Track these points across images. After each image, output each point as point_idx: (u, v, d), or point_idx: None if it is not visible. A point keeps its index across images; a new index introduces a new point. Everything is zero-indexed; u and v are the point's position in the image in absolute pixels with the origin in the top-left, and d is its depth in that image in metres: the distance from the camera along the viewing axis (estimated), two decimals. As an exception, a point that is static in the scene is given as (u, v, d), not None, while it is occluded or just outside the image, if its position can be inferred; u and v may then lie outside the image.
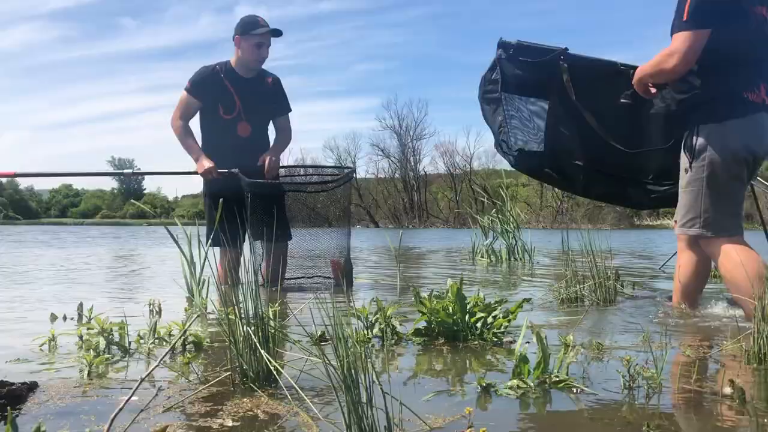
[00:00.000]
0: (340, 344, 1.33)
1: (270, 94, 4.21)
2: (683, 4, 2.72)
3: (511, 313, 2.43)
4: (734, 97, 2.79)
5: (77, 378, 1.85)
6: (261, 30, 3.99)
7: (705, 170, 2.82)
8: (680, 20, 2.73)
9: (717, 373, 1.87)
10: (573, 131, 3.47)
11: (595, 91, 3.39)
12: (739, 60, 2.79)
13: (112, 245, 11.98)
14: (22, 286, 4.39)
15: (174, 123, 4.10)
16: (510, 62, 3.43)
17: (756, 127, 2.82)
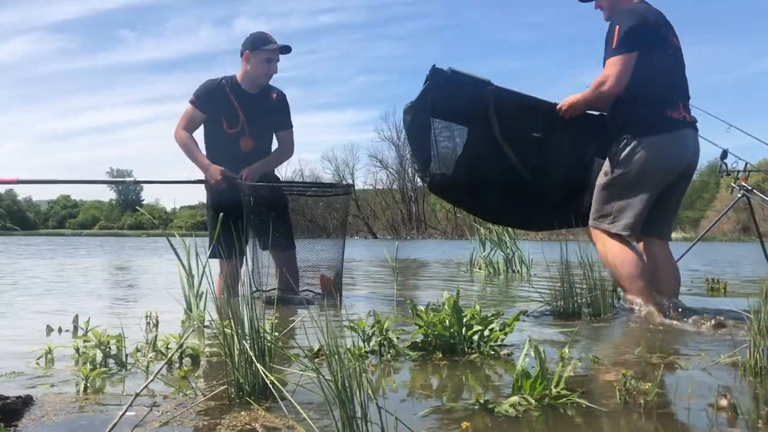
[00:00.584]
0: (334, 359, 1.33)
1: (273, 109, 4.21)
2: (612, 35, 3.13)
3: (507, 326, 2.43)
4: (658, 114, 3.17)
5: (73, 392, 1.84)
6: (272, 46, 4.02)
7: (625, 177, 3.18)
8: (611, 48, 3.13)
9: (713, 386, 1.87)
10: (490, 160, 3.57)
11: (514, 123, 3.52)
12: (660, 82, 3.18)
13: (110, 256, 11.96)
14: (18, 298, 4.37)
15: (178, 134, 4.09)
16: (440, 89, 3.45)
17: (679, 141, 3.21)
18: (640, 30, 3.13)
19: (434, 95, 3.46)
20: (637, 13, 3.17)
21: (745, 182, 5.60)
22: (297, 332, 2.73)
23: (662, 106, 3.19)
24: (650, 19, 3.18)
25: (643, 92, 3.15)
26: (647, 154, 3.14)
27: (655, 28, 3.19)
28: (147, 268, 8.41)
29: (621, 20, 3.16)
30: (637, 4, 3.28)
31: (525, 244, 7.61)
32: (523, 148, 3.53)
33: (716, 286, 5.22)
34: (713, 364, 2.21)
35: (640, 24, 3.14)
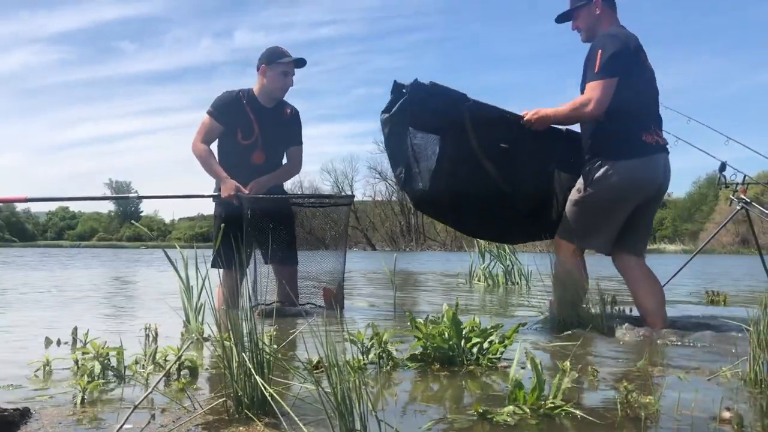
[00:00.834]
0: (333, 371, 1.33)
1: (287, 124, 4.27)
2: (594, 59, 3.21)
3: (506, 338, 2.42)
4: (633, 139, 3.26)
5: (71, 404, 1.83)
6: (287, 59, 4.08)
7: (598, 197, 3.28)
8: (593, 72, 3.21)
9: (715, 398, 1.86)
10: (468, 174, 3.57)
11: (489, 136, 3.54)
12: (637, 106, 3.29)
13: (108, 268, 11.94)
14: (17, 310, 4.36)
15: (196, 146, 4.11)
16: (420, 103, 3.46)
17: (652, 165, 3.30)
18: (622, 56, 3.22)
19: (414, 110, 3.46)
20: (619, 39, 3.26)
21: (744, 195, 5.60)
22: (297, 344, 2.72)
23: (637, 131, 3.28)
24: (631, 45, 3.28)
25: (619, 116, 3.24)
26: (620, 178, 3.24)
27: (635, 54, 3.30)
28: (145, 279, 8.40)
29: (603, 45, 3.24)
30: (617, 29, 3.37)
31: (524, 256, 7.61)
32: (498, 160, 3.56)
33: (716, 298, 5.21)
34: (714, 377, 2.20)
35: (623, 50, 3.23)
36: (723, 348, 2.81)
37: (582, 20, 3.51)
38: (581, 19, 3.51)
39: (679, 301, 5.35)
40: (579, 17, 3.52)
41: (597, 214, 3.31)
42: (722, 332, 3.20)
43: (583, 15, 3.50)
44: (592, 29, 3.48)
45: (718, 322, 3.49)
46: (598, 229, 3.34)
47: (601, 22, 3.45)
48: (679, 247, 49.69)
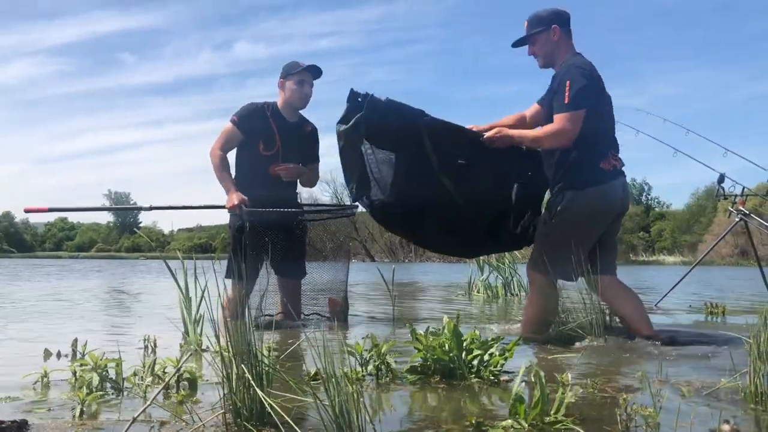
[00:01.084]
0: (331, 383, 1.32)
1: (306, 140, 4.34)
2: (564, 89, 3.29)
3: (507, 350, 2.41)
4: (592, 168, 3.38)
5: (69, 417, 1.83)
6: (299, 68, 4.14)
7: (563, 226, 3.39)
8: (563, 103, 3.29)
9: (714, 411, 1.86)
10: (426, 189, 3.59)
11: (447, 152, 3.56)
12: (598, 134, 3.41)
13: (108, 278, 11.91)
14: (15, 321, 4.35)
15: (213, 153, 4.16)
16: (375, 119, 3.45)
17: (610, 192, 3.42)
18: (590, 88, 3.33)
19: (369, 125, 3.45)
20: (586, 71, 3.37)
21: (743, 206, 5.62)
22: (296, 356, 2.72)
23: (596, 160, 3.40)
24: (595, 76, 3.40)
25: (581, 145, 3.35)
26: (581, 207, 3.38)
27: (601, 84, 3.42)
28: (143, 290, 8.37)
29: (572, 76, 3.32)
30: (582, 60, 3.46)
31: (523, 268, 7.59)
32: (457, 176, 3.58)
33: (715, 310, 5.21)
34: (714, 390, 2.20)
35: (591, 82, 3.35)
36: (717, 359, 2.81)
37: (539, 46, 3.58)
38: (539, 45, 3.58)
39: (674, 310, 5.34)
40: (536, 43, 3.59)
41: (563, 243, 3.38)
42: (713, 344, 3.20)
43: (540, 41, 3.57)
44: (549, 55, 3.57)
45: (710, 333, 3.49)
46: (566, 257, 3.38)
47: (559, 49, 3.54)
48: (678, 258, 49.67)
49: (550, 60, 3.58)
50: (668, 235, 58.95)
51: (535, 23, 3.57)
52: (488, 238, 3.81)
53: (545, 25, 3.54)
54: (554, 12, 3.58)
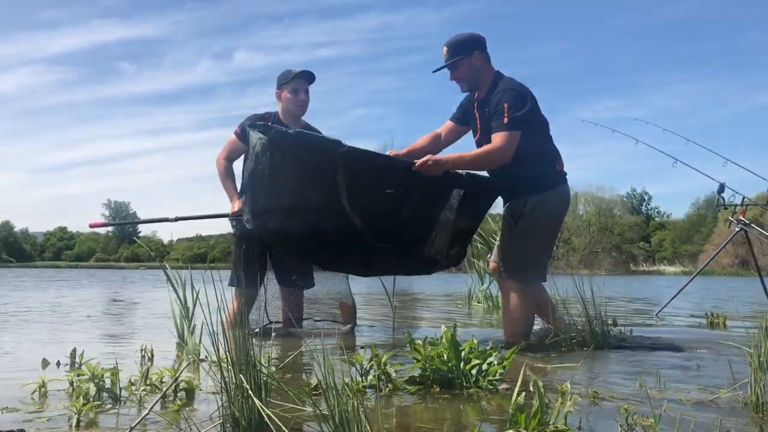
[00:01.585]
0: (331, 394, 1.31)
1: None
2: (502, 110, 3.43)
3: (506, 359, 2.41)
4: (551, 171, 3.62)
5: (66, 427, 1.82)
6: (292, 75, 4.12)
7: (532, 229, 3.55)
8: (502, 123, 3.43)
9: (715, 421, 1.85)
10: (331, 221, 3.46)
11: (365, 183, 3.47)
12: (547, 143, 3.66)
13: (107, 289, 11.89)
14: (13, 331, 4.33)
15: (219, 161, 4.22)
16: (284, 151, 3.33)
17: (567, 191, 3.72)
18: (527, 108, 3.48)
19: (276, 158, 3.31)
20: (522, 92, 3.53)
21: (743, 216, 5.62)
22: (296, 366, 2.71)
23: (553, 163, 3.64)
24: (530, 93, 3.57)
25: (535, 156, 3.54)
26: (548, 208, 3.57)
27: (535, 100, 3.58)
28: (141, 300, 8.36)
29: (510, 98, 3.46)
30: (514, 82, 3.60)
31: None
32: (371, 208, 3.49)
33: (716, 320, 5.20)
34: (714, 398, 2.19)
35: (527, 102, 3.50)
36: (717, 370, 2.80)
37: (462, 72, 3.68)
38: (461, 71, 3.68)
39: (675, 320, 5.33)
40: (459, 69, 3.68)
41: (533, 245, 3.58)
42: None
43: (463, 67, 3.67)
44: (473, 80, 3.69)
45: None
46: (536, 258, 3.62)
47: (482, 72, 3.67)
48: (678, 268, 49.65)
49: (474, 84, 3.70)
50: (668, 245, 58.98)
51: (456, 50, 3.66)
52: (397, 262, 3.78)
53: (467, 51, 3.65)
54: (473, 37, 3.69)
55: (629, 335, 4.13)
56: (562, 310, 3.65)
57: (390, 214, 3.54)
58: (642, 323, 5.22)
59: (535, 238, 3.58)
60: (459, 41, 3.66)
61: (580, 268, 45.30)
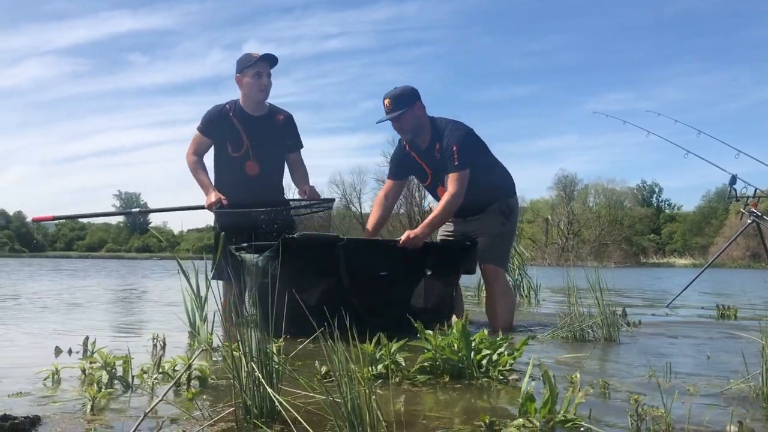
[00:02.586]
0: (344, 382, 1.32)
1: (280, 131, 4.23)
2: (452, 152, 3.79)
3: (516, 350, 2.41)
4: (511, 178, 4.21)
5: (80, 413, 1.84)
6: (256, 63, 4.04)
7: (513, 225, 4.13)
8: (453, 164, 3.79)
9: (726, 412, 1.85)
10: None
11: (363, 269, 3.59)
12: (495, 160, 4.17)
13: (119, 278, 11.98)
14: (28, 319, 4.38)
15: (188, 158, 4.21)
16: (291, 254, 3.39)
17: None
18: (472, 145, 3.91)
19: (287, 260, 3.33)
20: (463, 132, 3.89)
21: (755, 208, 5.58)
22: (303, 354, 2.72)
23: (508, 172, 4.21)
24: (470, 130, 3.95)
25: (493, 165, 4.11)
26: (517, 207, 4.19)
27: (475, 134, 3.98)
28: (154, 289, 8.42)
29: (457, 140, 3.81)
30: (455, 124, 3.93)
31: (532, 270, 7.59)
32: (369, 290, 3.59)
33: (727, 312, 5.18)
34: (726, 389, 2.18)
35: (471, 140, 3.92)
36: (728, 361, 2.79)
37: (405, 122, 3.93)
38: (405, 121, 3.92)
39: (684, 307, 5.31)
40: (402, 120, 3.91)
41: (512, 239, 4.23)
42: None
43: (406, 118, 3.90)
44: (416, 129, 3.97)
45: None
46: (510, 249, 4.35)
47: (423, 121, 3.96)
48: (689, 261, 49.46)
49: (417, 132, 3.98)
50: (679, 238, 58.71)
51: (399, 103, 3.90)
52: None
53: (409, 103, 3.90)
54: (411, 90, 3.96)
55: (639, 326, 4.13)
56: (574, 300, 3.65)
57: (383, 292, 3.65)
58: (652, 315, 5.21)
59: (513, 232, 4.20)
60: (401, 94, 3.92)
61: (590, 260, 45.15)
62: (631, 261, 53.14)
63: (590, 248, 53.83)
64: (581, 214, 57.73)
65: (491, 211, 4.01)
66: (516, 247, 7.29)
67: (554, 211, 58.03)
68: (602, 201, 59.26)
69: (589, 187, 59.88)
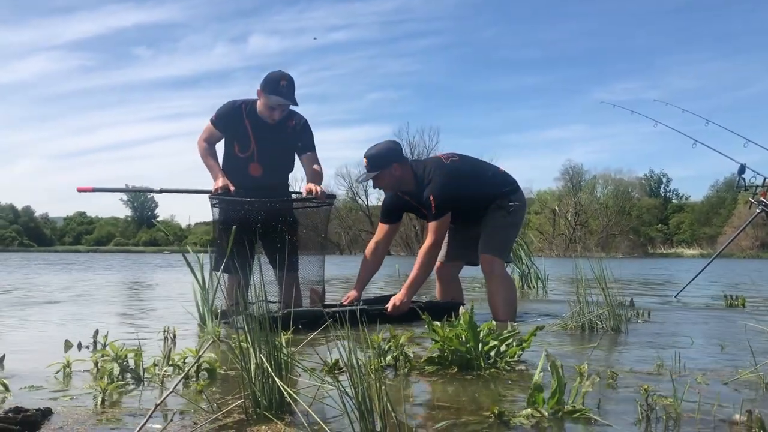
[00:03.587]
0: (355, 372, 1.33)
1: (290, 136, 4.19)
2: (429, 203, 3.89)
3: (524, 341, 2.41)
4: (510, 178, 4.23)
5: (91, 405, 1.85)
6: (274, 99, 3.98)
7: (516, 219, 4.14)
8: (431, 213, 3.90)
9: (736, 401, 1.84)
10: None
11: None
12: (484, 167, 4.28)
13: (128, 271, 12.04)
14: (38, 313, 4.41)
15: (199, 144, 4.21)
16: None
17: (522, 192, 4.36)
18: (452, 186, 3.93)
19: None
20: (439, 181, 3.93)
21: (764, 197, 5.55)
22: (308, 346, 2.73)
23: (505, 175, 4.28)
24: (452, 169, 4.02)
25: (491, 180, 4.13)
26: (523, 202, 4.20)
27: (458, 172, 4.02)
28: (162, 283, 8.45)
29: (433, 191, 3.90)
30: (438, 171, 3.98)
31: (540, 262, 7.58)
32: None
33: (735, 302, 5.16)
34: (735, 378, 2.18)
35: (451, 184, 3.93)
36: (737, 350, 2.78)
37: (383, 182, 4.04)
38: (382, 181, 4.03)
39: (692, 297, 5.30)
40: (379, 180, 4.02)
41: (515, 232, 4.25)
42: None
43: (383, 179, 4.02)
44: (395, 187, 4.08)
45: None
46: (512, 242, 4.39)
47: (403, 177, 4.04)
48: (696, 251, 49.29)
49: (399, 187, 4.09)
50: (687, 228, 58.49)
51: (375, 165, 3.99)
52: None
53: (385, 164, 3.97)
54: (389, 150, 4.03)
55: (647, 316, 4.12)
56: (582, 291, 3.64)
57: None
58: (660, 305, 5.20)
59: (516, 225, 4.19)
60: (377, 155, 4.00)
61: (598, 250, 45.06)
62: (639, 252, 53.01)
63: (597, 239, 53.70)
64: (588, 205, 57.56)
65: (491, 209, 4.07)
66: (523, 238, 7.30)
67: (561, 202, 57.89)
68: (610, 191, 59.07)
69: (596, 177, 59.72)
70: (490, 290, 3.98)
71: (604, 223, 56.44)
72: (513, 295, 3.99)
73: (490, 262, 3.97)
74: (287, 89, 4.01)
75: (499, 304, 3.89)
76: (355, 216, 53.98)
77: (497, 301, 3.91)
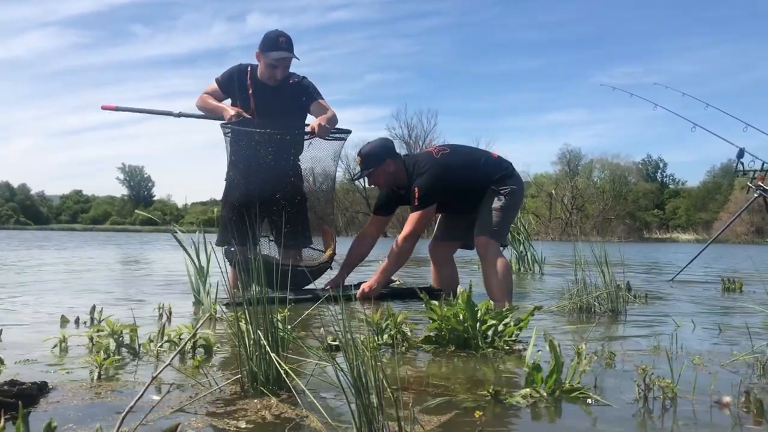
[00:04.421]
0: (351, 349, 1.32)
1: (290, 95, 4.15)
2: (413, 194, 4.01)
3: (521, 321, 2.41)
4: (508, 164, 4.26)
5: (87, 379, 1.85)
6: (275, 54, 3.97)
7: (513, 202, 4.11)
8: (413, 204, 4.03)
9: (733, 382, 1.84)
10: None
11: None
12: (478, 154, 4.36)
13: (124, 249, 12.02)
14: (34, 290, 4.40)
15: (200, 97, 4.18)
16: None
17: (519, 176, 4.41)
18: (439, 181, 4.03)
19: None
20: (428, 174, 4.03)
21: (762, 182, 5.55)
22: (307, 323, 2.73)
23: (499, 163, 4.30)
24: (440, 164, 4.09)
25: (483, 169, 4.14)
26: (520, 185, 4.22)
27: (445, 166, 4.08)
28: (159, 261, 8.45)
29: (418, 183, 4.02)
30: (426, 167, 4.05)
31: (537, 245, 7.59)
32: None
33: (732, 286, 5.18)
34: (732, 360, 2.18)
35: (438, 179, 4.03)
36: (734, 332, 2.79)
37: (377, 179, 4.15)
38: (376, 178, 4.14)
39: (688, 281, 5.32)
40: (373, 177, 4.13)
41: (512, 215, 4.25)
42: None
43: (377, 175, 4.12)
44: (389, 183, 4.18)
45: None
46: (509, 227, 4.37)
47: (396, 173, 4.13)
48: (692, 236, 49.42)
49: (393, 184, 4.19)
50: (683, 213, 58.56)
51: (369, 162, 4.11)
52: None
53: (379, 161, 4.09)
54: (382, 147, 4.16)
55: (644, 299, 4.13)
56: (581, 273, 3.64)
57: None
58: (656, 288, 5.21)
59: (513, 208, 4.17)
60: (370, 153, 4.12)
61: (594, 235, 45.15)
62: (635, 236, 53.11)
63: (594, 223, 53.78)
64: (585, 189, 57.57)
65: (487, 194, 4.10)
66: (521, 220, 7.30)
67: (558, 186, 57.89)
68: (607, 176, 59.07)
69: (593, 161, 59.67)
70: (486, 272, 3.97)
71: (600, 207, 56.49)
72: (509, 277, 3.96)
73: (485, 245, 3.99)
74: (287, 44, 4.02)
75: (495, 285, 3.89)
76: (352, 198, 53.85)
77: (493, 283, 3.91)
